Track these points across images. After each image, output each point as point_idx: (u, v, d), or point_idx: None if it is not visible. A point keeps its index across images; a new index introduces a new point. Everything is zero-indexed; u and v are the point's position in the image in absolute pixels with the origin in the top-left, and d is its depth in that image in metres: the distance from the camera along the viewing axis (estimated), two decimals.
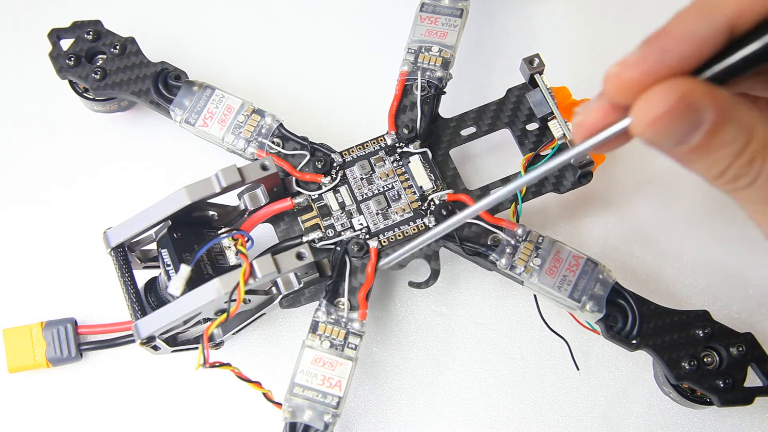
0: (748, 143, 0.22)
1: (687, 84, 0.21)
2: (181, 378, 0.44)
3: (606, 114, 0.24)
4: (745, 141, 0.22)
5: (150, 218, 0.38)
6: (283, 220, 0.42)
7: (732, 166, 0.23)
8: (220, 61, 0.52)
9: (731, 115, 0.22)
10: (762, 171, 0.23)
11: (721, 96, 0.22)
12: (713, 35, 0.22)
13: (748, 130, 0.22)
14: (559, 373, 0.44)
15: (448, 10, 0.46)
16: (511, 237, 0.41)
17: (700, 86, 0.22)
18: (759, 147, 0.23)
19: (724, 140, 0.22)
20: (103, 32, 0.46)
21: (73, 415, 0.44)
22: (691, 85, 0.21)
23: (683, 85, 0.21)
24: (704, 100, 0.21)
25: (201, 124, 0.43)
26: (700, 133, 0.22)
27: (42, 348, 0.43)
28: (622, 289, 0.40)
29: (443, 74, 0.44)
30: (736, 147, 0.22)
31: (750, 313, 0.46)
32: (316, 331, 0.40)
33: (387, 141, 0.43)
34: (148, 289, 0.40)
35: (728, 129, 0.22)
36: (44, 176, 0.49)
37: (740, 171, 0.23)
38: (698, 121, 0.22)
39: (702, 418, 0.43)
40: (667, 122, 0.22)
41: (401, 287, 0.46)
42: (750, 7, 0.22)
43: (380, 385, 0.44)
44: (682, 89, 0.21)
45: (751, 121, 0.22)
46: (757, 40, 0.22)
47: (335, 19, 0.54)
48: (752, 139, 0.22)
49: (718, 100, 0.22)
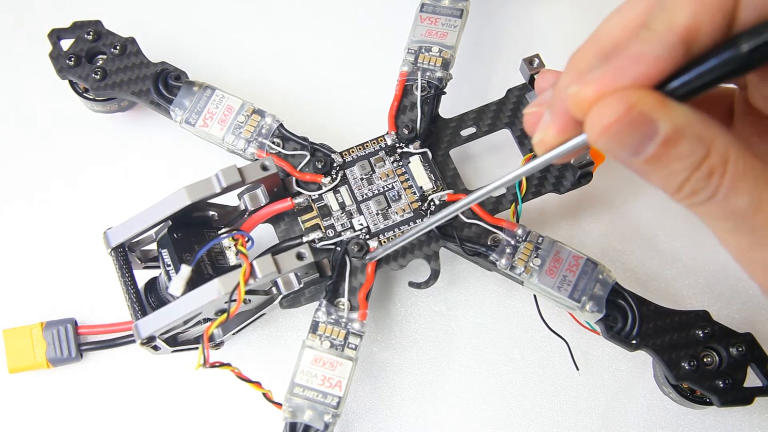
0: (706, 156, 0.22)
1: (637, 94, 0.21)
2: (181, 378, 0.44)
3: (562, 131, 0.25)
4: (703, 154, 0.22)
5: (150, 218, 0.38)
6: (284, 220, 0.42)
7: (690, 180, 0.23)
8: (220, 61, 0.52)
9: (687, 127, 0.22)
10: (721, 185, 0.22)
11: (674, 107, 0.22)
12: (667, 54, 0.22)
13: (706, 143, 0.22)
14: (559, 373, 0.44)
15: (448, 10, 0.46)
16: (511, 237, 0.41)
17: (652, 96, 0.21)
18: (718, 161, 0.22)
19: (681, 153, 0.22)
20: (104, 32, 0.46)
21: (73, 415, 0.44)
22: (641, 95, 0.21)
23: (633, 95, 0.21)
24: (656, 110, 0.21)
25: (201, 125, 0.43)
26: (654, 144, 0.22)
27: (42, 348, 0.43)
28: (622, 290, 0.40)
29: (443, 74, 0.44)
30: (693, 160, 0.22)
31: (750, 313, 0.46)
32: (316, 331, 0.40)
33: (387, 141, 0.43)
34: (148, 289, 0.40)
35: (684, 141, 0.22)
36: (44, 176, 0.49)
37: (698, 185, 0.23)
38: (651, 131, 0.22)
39: (702, 418, 0.43)
40: (618, 131, 0.22)
41: (401, 287, 0.46)
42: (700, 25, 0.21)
43: (380, 385, 0.44)
44: (631, 99, 0.21)
45: (709, 135, 0.22)
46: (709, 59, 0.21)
47: (335, 19, 0.54)
48: (710, 153, 0.22)
49: (671, 111, 0.22)
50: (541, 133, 0.25)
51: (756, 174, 0.23)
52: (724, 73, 0.21)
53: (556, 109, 0.25)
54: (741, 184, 0.22)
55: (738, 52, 0.21)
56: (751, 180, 0.22)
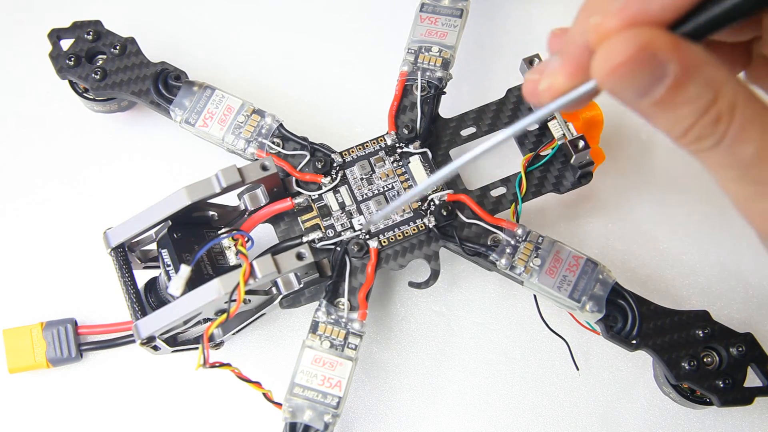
0: (713, 102, 0.22)
1: (650, 34, 0.21)
2: (181, 378, 0.44)
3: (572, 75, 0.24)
4: (711, 99, 0.21)
5: (150, 218, 0.38)
6: (283, 220, 0.42)
7: (696, 125, 0.22)
8: (220, 61, 0.52)
9: (697, 70, 0.21)
10: (728, 132, 0.22)
11: (688, 50, 0.21)
12: None
13: (714, 88, 0.21)
14: (559, 373, 0.44)
15: (448, 10, 0.46)
16: (511, 237, 0.41)
17: (665, 37, 0.21)
18: (725, 107, 0.22)
19: (689, 96, 0.21)
20: (103, 32, 0.46)
21: (73, 415, 0.44)
22: (654, 36, 0.21)
23: (645, 35, 0.21)
24: (668, 52, 0.21)
25: (201, 125, 0.43)
26: (662, 86, 0.21)
27: (42, 348, 0.43)
28: (622, 290, 0.40)
29: (443, 74, 0.44)
30: (701, 104, 0.22)
31: (750, 313, 0.46)
32: (316, 331, 0.40)
33: (387, 141, 0.43)
34: (148, 289, 0.40)
35: (693, 85, 0.21)
36: (44, 176, 0.49)
37: (705, 131, 0.22)
38: (661, 73, 0.21)
39: (702, 418, 0.43)
40: (627, 72, 0.21)
41: (401, 287, 0.46)
42: None
43: (380, 385, 0.44)
44: (643, 39, 0.21)
45: (718, 80, 0.21)
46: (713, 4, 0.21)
47: (336, 19, 0.54)
48: (718, 98, 0.21)
49: (683, 53, 0.21)
50: (549, 79, 0.24)
51: (764, 123, 0.22)
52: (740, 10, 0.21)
53: (567, 52, 0.24)
54: (748, 133, 0.22)
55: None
56: (759, 128, 0.22)
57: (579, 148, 0.41)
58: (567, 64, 0.24)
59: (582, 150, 0.41)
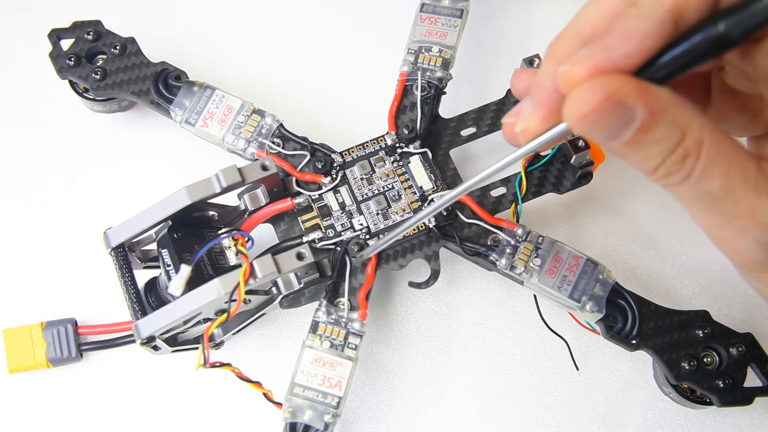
0: (681, 141, 0.22)
1: (616, 81, 0.21)
2: (181, 378, 0.44)
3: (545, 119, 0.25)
4: (678, 138, 0.22)
5: (150, 218, 0.38)
6: (284, 220, 0.42)
7: (665, 162, 0.23)
8: (220, 61, 0.52)
9: (664, 112, 0.22)
10: (695, 168, 0.23)
11: (653, 94, 0.22)
12: (655, 30, 0.22)
13: (681, 128, 0.22)
14: (559, 373, 0.44)
15: (448, 10, 0.46)
16: (511, 237, 0.41)
17: (631, 84, 0.22)
18: (692, 144, 0.23)
19: (656, 137, 0.22)
20: (104, 32, 0.46)
21: (73, 415, 0.44)
22: (621, 82, 0.21)
23: (612, 83, 0.21)
24: (634, 97, 0.21)
25: (201, 125, 0.43)
26: (631, 129, 0.22)
27: (42, 348, 0.43)
28: (622, 290, 0.40)
29: (443, 74, 0.44)
30: (668, 144, 0.23)
31: (750, 313, 0.46)
32: (316, 331, 0.40)
33: (387, 141, 0.43)
34: (148, 289, 0.40)
35: (660, 126, 0.22)
36: (44, 176, 0.49)
37: (673, 167, 0.23)
38: (629, 117, 0.22)
39: (702, 418, 0.43)
40: (596, 118, 0.22)
41: (401, 287, 0.46)
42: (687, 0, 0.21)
43: (380, 385, 0.44)
44: (610, 87, 0.21)
45: (684, 119, 0.22)
46: (689, 38, 0.21)
47: (335, 19, 0.54)
48: (686, 137, 0.22)
49: (649, 97, 0.22)
50: (524, 122, 0.26)
51: (729, 158, 0.23)
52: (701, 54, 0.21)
53: (538, 97, 0.25)
54: (714, 168, 0.23)
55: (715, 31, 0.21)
56: (724, 164, 0.23)
57: (579, 148, 0.42)
58: (539, 108, 0.25)
59: (582, 150, 0.41)
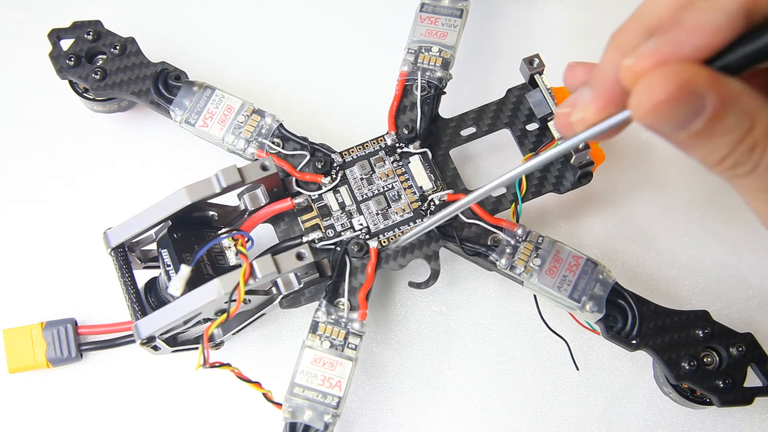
0: (749, 131, 0.22)
1: (689, 70, 0.21)
2: (181, 378, 0.44)
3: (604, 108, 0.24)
4: (747, 128, 0.22)
5: (150, 218, 0.38)
6: (283, 220, 0.42)
7: (732, 154, 0.23)
8: (220, 61, 0.52)
9: (733, 102, 0.22)
10: (762, 159, 0.23)
11: (724, 83, 0.21)
12: (727, 23, 0.21)
13: (750, 117, 0.22)
14: (559, 373, 0.44)
15: (448, 10, 0.46)
16: (511, 237, 0.41)
17: (703, 72, 0.21)
18: (761, 134, 0.22)
19: (726, 127, 0.22)
20: (103, 32, 0.46)
21: (73, 415, 0.44)
22: (693, 72, 0.21)
23: (685, 72, 0.21)
24: (706, 86, 0.21)
25: (201, 125, 0.43)
26: (701, 119, 0.22)
27: (42, 348, 0.43)
28: (622, 290, 0.40)
29: (443, 74, 0.44)
30: (737, 134, 0.22)
31: (750, 313, 0.46)
32: (316, 331, 0.40)
33: (387, 141, 0.43)
34: (148, 289, 0.40)
35: (730, 116, 0.22)
36: (44, 176, 0.49)
37: (740, 158, 0.23)
38: (699, 107, 0.21)
39: (702, 418, 0.43)
40: (668, 108, 0.21)
41: (401, 287, 0.46)
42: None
43: (380, 385, 0.44)
44: (684, 75, 0.21)
45: (753, 108, 0.22)
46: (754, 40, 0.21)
47: (335, 19, 0.54)
48: (754, 127, 0.22)
49: (720, 86, 0.21)
50: (582, 111, 0.25)
51: None
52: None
53: (598, 87, 0.25)
54: None
55: None
56: None
57: (579, 148, 0.41)
58: (598, 98, 0.25)
59: (582, 150, 0.41)
